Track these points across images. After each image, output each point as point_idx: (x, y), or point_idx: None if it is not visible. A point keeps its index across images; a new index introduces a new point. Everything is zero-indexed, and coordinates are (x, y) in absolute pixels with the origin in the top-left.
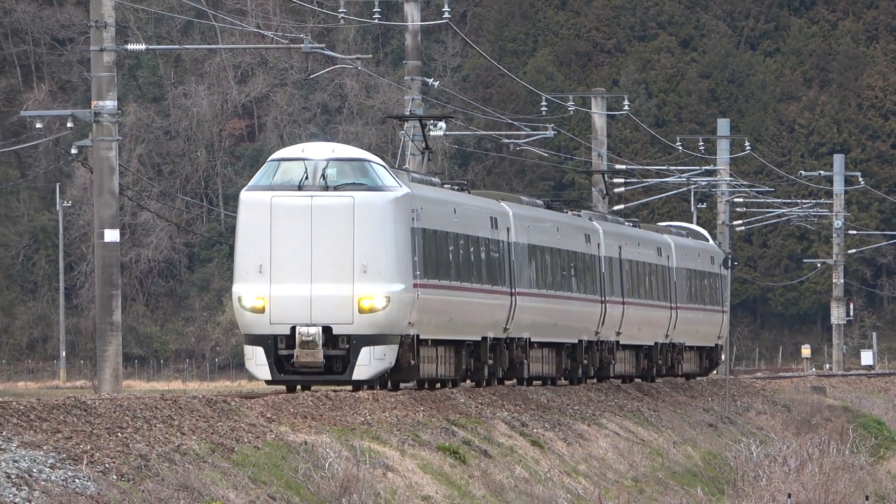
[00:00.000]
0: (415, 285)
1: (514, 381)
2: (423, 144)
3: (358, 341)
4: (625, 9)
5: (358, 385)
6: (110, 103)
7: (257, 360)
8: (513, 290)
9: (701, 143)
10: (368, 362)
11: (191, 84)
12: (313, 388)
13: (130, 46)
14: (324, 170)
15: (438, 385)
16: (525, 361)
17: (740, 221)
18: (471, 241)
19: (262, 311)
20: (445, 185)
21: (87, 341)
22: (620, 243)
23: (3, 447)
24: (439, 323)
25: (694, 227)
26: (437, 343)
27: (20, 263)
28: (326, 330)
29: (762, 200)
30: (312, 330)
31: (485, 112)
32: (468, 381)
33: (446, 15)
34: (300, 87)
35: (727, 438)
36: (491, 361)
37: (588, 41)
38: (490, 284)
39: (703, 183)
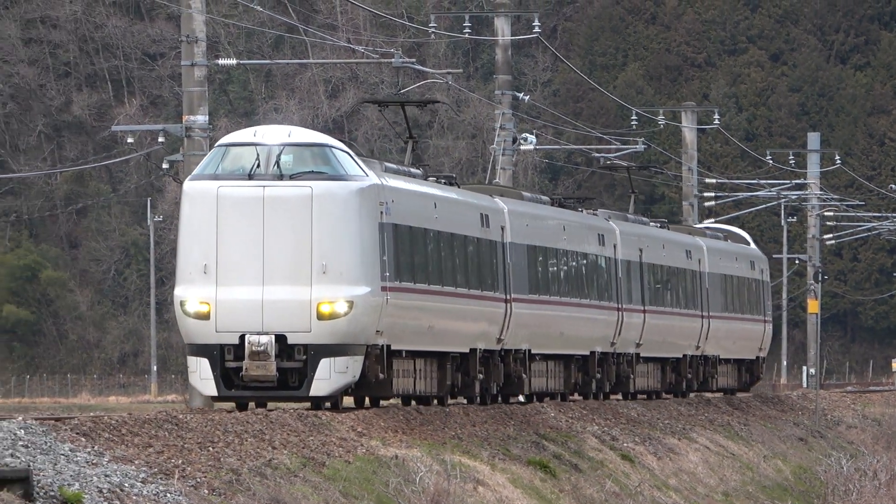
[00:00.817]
0: (383, 288)
1: (522, 397)
2: (407, 134)
3: (316, 352)
4: (715, 23)
5: (317, 402)
6: (201, 118)
7: (202, 374)
8: (508, 297)
9: (791, 157)
10: (328, 376)
11: (281, 99)
12: (269, 404)
13: (221, 61)
14: (278, 156)
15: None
16: (524, 376)
17: (830, 235)
18: (455, 239)
19: (206, 317)
20: (430, 178)
21: (179, 356)
22: (641, 245)
23: (94, 461)
24: (416, 332)
25: (733, 229)
26: (414, 355)
27: (111, 278)
28: (280, 339)
29: (852, 214)
30: (264, 339)
31: (575, 126)
32: (458, 398)
33: (536, 29)
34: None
35: (817, 452)
36: (482, 376)
37: (678, 55)
38: (479, 289)
39: (793, 197)
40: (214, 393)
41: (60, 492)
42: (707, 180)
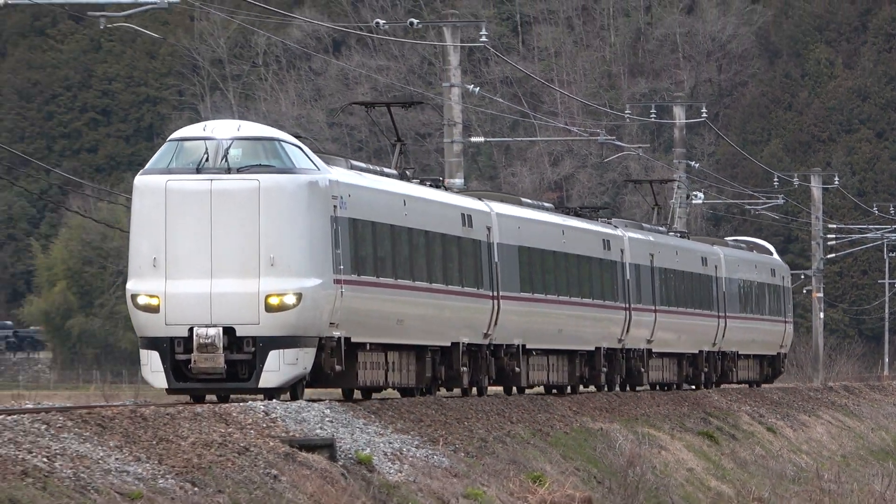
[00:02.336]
0: (336, 281)
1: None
2: (395, 136)
3: (265, 344)
4: (835, 109)
5: (269, 394)
6: (458, 181)
7: (152, 366)
8: (495, 294)
9: (892, 208)
10: (278, 367)
11: (517, 166)
12: (220, 395)
13: (473, 139)
14: (227, 150)
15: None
16: (517, 369)
17: None
18: (429, 236)
19: (156, 310)
20: (414, 180)
21: None
22: (653, 251)
23: (381, 433)
24: (381, 326)
25: (758, 241)
26: (386, 348)
27: None
28: (229, 331)
29: None
30: (212, 331)
31: (732, 186)
32: (443, 390)
33: (704, 114)
34: (597, 168)
35: None
36: (465, 368)
37: (808, 133)
38: (460, 286)
39: (894, 238)
40: (165, 385)
41: (356, 455)
42: (829, 225)
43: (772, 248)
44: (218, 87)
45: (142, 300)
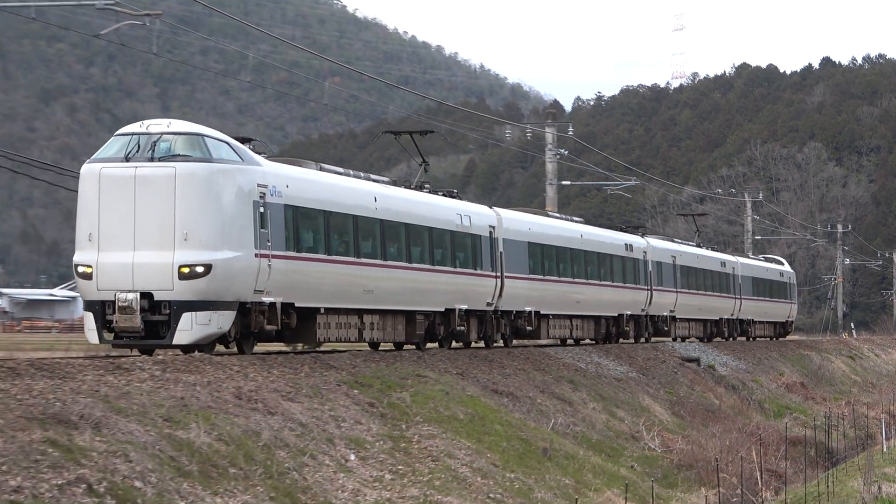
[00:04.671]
0: (262, 255)
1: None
2: (420, 158)
3: (178, 307)
4: None
5: (185, 349)
6: (553, 210)
7: (88, 325)
8: (499, 274)
9: None
10: (190, 327)
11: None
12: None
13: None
14: (155, 142)
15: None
16: (529, 328)
17: None
18: (430, 231)
19: (90, 277)
20: (439, 192)
21: None
22: (675, 254)
23: (718, 355)
24: (341, 294)
25: (774, 257)
26: (353, 312)
27: None
28: (147, 296)
29: None
30: (130, 296)
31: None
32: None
33: None
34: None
35: None
36: (463, 328)
37: None
38: (453, 267)
39: None
40: (97, 341)
41: (708, 364)
42: None
43: (784, 261)
44: None
45: (81, 269)
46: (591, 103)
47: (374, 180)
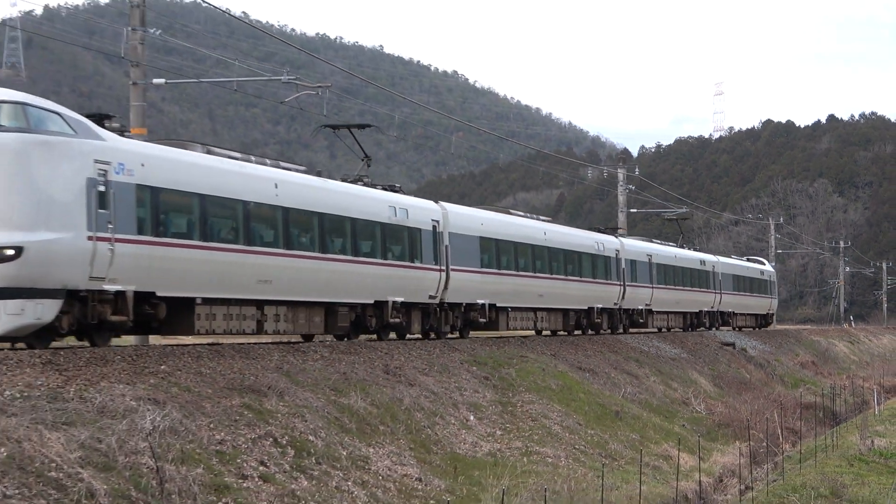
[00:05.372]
0: (98, 238)
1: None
2: (362, 153)
3: None
4: None
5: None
6: (622, 230)
7: None
8: (444, 268)
9: None
10: None
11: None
12: None
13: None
14: None
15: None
16: (482, 319)
17: None
18: (344, 220)
19: None
20: (378, 186)
21: None
22: (650, 252)
23: (748, 339)
24: (222, 284)
25: (756, 258)
26: (249, 303)
27: None
28: None
29: None
30: None
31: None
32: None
33: None
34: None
35: None
36: (397, 320)
37: None
38: (410, 260)
39: None
40: None
41: (742, 346)
42: None
43: (766, 262)
44: None
45: None
46: (653, 150)
47: (287, 168)
